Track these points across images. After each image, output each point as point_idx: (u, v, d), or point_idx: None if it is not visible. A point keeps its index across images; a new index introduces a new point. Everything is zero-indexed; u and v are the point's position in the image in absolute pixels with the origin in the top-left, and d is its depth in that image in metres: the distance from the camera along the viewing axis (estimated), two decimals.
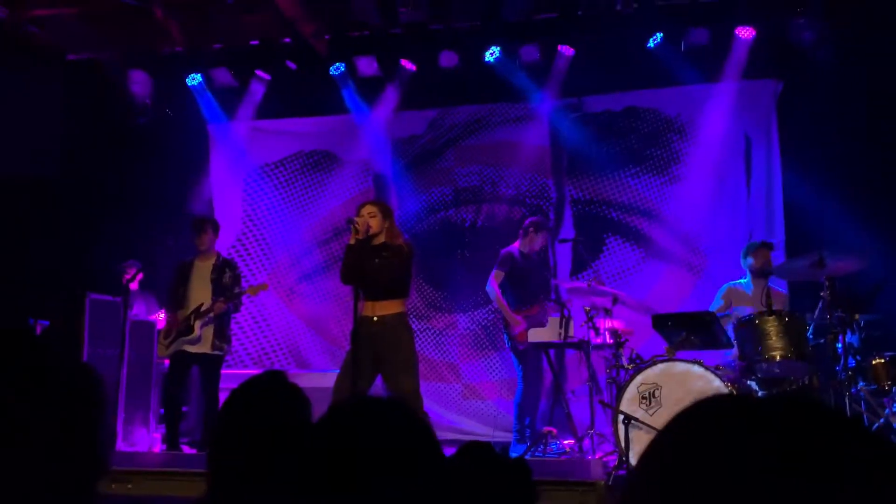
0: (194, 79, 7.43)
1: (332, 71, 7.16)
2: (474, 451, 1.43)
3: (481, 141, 7.38)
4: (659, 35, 6.58)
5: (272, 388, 1.71)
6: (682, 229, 6.80)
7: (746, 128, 6.76)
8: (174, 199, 7.27)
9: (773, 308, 4.28)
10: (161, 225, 7.25)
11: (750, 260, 5.25)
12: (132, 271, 6.01)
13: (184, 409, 5.74)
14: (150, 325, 6.24)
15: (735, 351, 4.68)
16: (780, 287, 5.47)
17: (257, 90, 7.49)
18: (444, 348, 7.19)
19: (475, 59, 6.90)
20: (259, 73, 7.36)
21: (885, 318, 4.70)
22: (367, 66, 7.10)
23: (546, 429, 5.48)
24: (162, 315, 6.05)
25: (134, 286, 6.31)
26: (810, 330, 4.35)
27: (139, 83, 7.29)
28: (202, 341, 5.24)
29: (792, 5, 6.27)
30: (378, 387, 4.33)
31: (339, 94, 7.29)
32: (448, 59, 6.92)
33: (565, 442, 5.41)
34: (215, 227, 5.55)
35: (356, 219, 4.30)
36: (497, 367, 7.01)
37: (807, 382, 4.23)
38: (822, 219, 5.85)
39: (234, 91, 7.49)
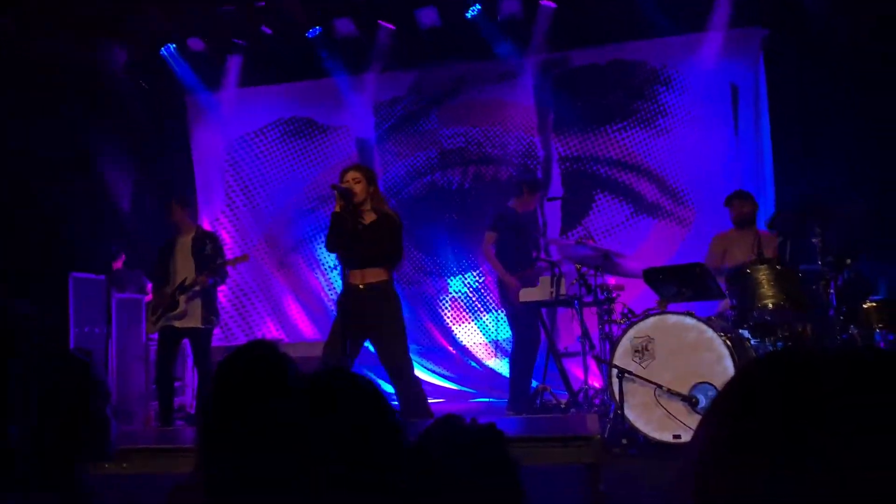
0: (168, 48, 7.23)
1: (309, 34, 6.98)
2: (441, 425, 1.38)
3: (465, 101, 7.25)
4: None
5: (260, 357, 1.65)
6: (670, 183, 6.74)
7: (733, 77, 6.66)
8: (153, 171, 7.12)
9: (765, 254, 4.25)
10: (142, 199, 7.13)
11: (733, 210, 5.22)
12: (122, 257, 5.95)
13: (176, 384, 5.71)
14: (138, 302, 6.16)
15: (724, 302, 4.66)
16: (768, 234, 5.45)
17: (232, 58, 7.31)
18: (435, 312, 7.17)
19: (455, 17, 6.73)
20: (235, 40, 7.17)
21: (872, 265, 4.69)
22: (345, 27, 6.92)
23: (540, 385, 5.49)
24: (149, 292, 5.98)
25: (118, 265, 6.23)
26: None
27: (113, 54, 7.08)
28: (189, 315, 5.18)
29: None
30: (366, 354, 4.29)
31: (317, 58, 7.12)
32: (427, 16, 6.75)
33: (560, 398, 5.42)
34: (183, 202, 5.42)
35: (341, 184, 4.21)
36: (490, 329, 7.00)
37: (800, 330, 4.22)
38: (811, 167, 5.81)
39: (209, 60, 7.31)
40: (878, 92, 5.74)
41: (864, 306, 4.27)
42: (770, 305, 4.06)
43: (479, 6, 6.68)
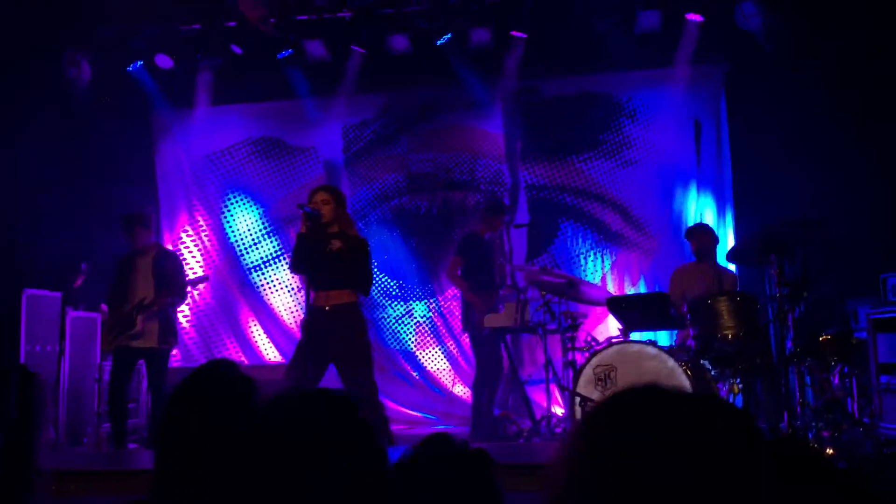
0: (135, 65, 7.15)
1: (280, 55, 6.97)
2: (433, 444, 1.37)
3: (434, 126, 7.29)
4: (611, 20, 6.57)
5: (221, 377, 1.60)
6: (633, 213, 6.85)
7: (696, 112, 6.83)
8: (116, 189, 6.98)
9: (725, 286, 4.32)
10: (102, 217, 6.97)
11: (689, 243, 5.33)
12: (83, 276, 5.80)
13: (130, 405, 5.54)
14: (93, 320, 6.00)
15: (682, 332, 4.73)
16: (727, 267, 5.56)
17: (201, 76, 7.24)
18: (399, 337, 7.12)
19: (426, 44, 6.80)
20: (204, 59, 7.12)
21: (830, 296, 4.80)
22: (316, 49, 6.93)
23: (503, 413, 5.47)
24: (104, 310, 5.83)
25: (78, 283, 6.08)
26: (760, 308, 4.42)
27: (77, 68, 6.97)
28: (145, 336, 5.05)
29: None
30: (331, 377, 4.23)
31: (286, 79, 7.10)
32: (399, 42, 6.80)
33: (522, 426, 5.40)
34: (145, 222, 5.29)
35: (309, 205, 4.18)
36: (453, 355, 6.97)
37: (758, 361, 4.29)
38: (772, 199, 5.95)
39: (177, 77, 7.23)
40: (838, 124, 5.93)
41: (820, 339, 4.36)
42: (730, 336, 4.13)
43: (450, 34, 6.75)
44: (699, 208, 6.71)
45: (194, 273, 7.00)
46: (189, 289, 5.48)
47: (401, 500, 1.30)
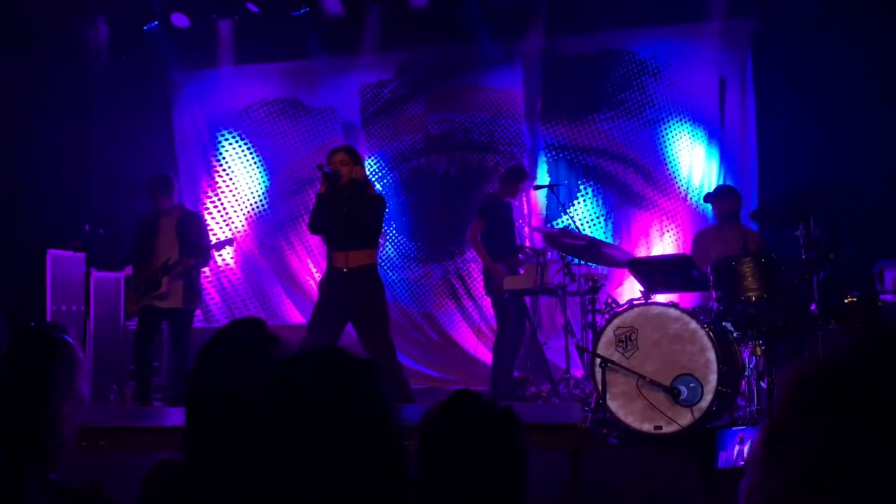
0: (152, 24, 7.09)
1: (295, 13, 6.87)
2: (462, 400, 1.37)
3: (453, 86, 7.19)
4: None
5: (253, 334, 1.60)
6: (656, 174, 6.75)
7: (721, 70, 6.66)
8: (134, 150, 6.99)
9: (749, 248, 4.26)
10: (121, 178, 6.99)
11: (719, 205, 5.23)
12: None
13: (155, 364, 5.63)
14: (117, 280, 6.07)
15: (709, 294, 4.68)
16: (753, 226, 5.48)
17: (217, 36, 7.17)
18: (419, 298, 7.14)
19: (445, 0, 6.66)
20: (220, 18, 7.05)
21: (856, 259, 4.73)
22: (333, 6, 6.82)
23: (522, 374, 5.49)
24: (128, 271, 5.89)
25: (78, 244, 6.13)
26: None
27: (95, 29, 6.93)
28: (171, 296, 5.11)
29: None
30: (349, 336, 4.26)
31: (302, 38, 7.01)
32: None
33: (541, 388, 5.43)
34: (168, 184, 5.31)
35: (328, 166, 4.17)
36: (473, 316, 6.99)
37: (781, 323, 4.25)
38: (796, 161, 5.83)
39: (193, 38, 7.17)
40: (863, 84, 5.77)
41: (846, 301, 4.30)
42: (753, 298, 4.08)
43: None
44: (722, 169, 6.59)
45: (216, 236, 7.03)
46: (215, 252, 5.51)
47: (425, 456, 1.31)
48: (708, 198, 5.33)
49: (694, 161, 6.68)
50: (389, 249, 7.12)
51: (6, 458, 1.55)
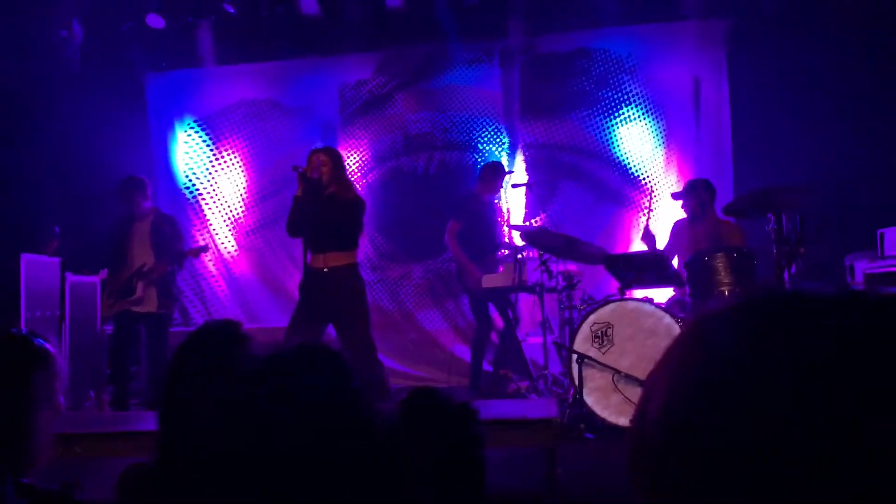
0: (127, 25, 7.02)
1: (272, 13, 6.85)
2: (418, 397, 1.39)
3: (431, 86, 7.21)
4: None
5: (226, 336, 1.60)
6: (632, 171, 6.82)
7: (696, 69, 6.74)
8: (109, 153, 6.93)
9: (725, 242, 4.31)
10: (95, 180, 6.93)
11: (691, 199, 5.27)
12: (55, 242, 5.81)
13: (132, 368, 5.59)
14: (92, 285, 6.01)
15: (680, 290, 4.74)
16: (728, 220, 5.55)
17: (194, 37, 7.13)
18: (398, 298, 7.15)
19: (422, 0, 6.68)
20: (196, 19, 7.00)
21: (827, 254, 4.81)
22: (310, 6, 6.81)
23: (501, 371, 5.53)
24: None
25: (53, 247, 6.08)
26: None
27: (69, 29, 6.86)
28: (146, 301, 5.08)
29: None
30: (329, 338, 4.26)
31: (280, 39, 6.99)
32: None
33: (521, 384, 5.46)
34: (142, 188, 5.27)
35: (308, 167, 4.17)
36: (452, 315, 7.01)
37: None
38: (770, 157, 5.91)
39: (169, 39, 7.12)
40: (837, 81, 5.86)
41: None
42: (727, 292, 4.14)
43: None
44: (698, 166, 6.67)
45: (192, 238, 6.99)
46: (191, 257, 5.48)
47: (389, 452, 1.33)
48: (676, 196, 5.38)
49: (670, 158, 6.76)
50: (369, 249, 7.12)
51: None
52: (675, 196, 5.36)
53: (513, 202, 6.82)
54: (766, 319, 0.49)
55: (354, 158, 7.21)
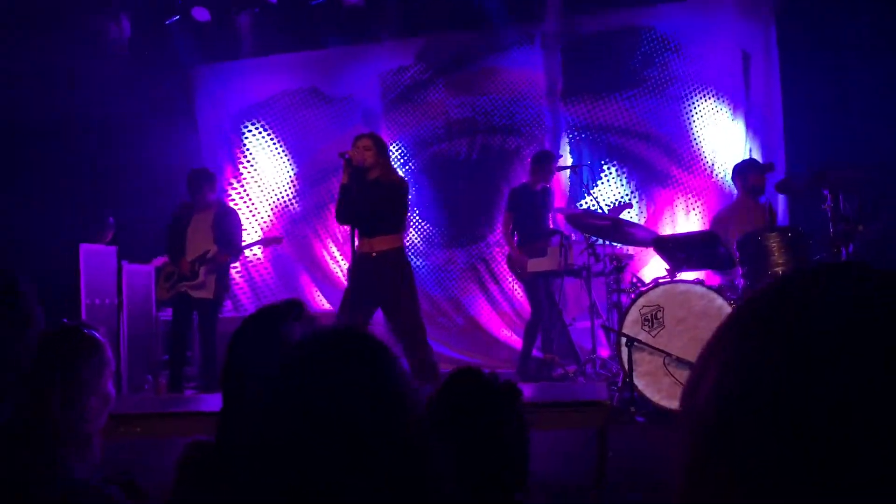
0: (173, 19, 7.17)
1: (313, 2, 6.90)
2: (462, 375, 1.39)
3: (472, 70, 7.17)
4: None
5: (294, 315, 1.62)
6: (680, 151, 6.67)
7: (744, 43, 6.54)
8: (158, 146, 7.09)
9: (776, 222, 4.21)
10: (146, 172, 7.11)
11: (745, 179, 5.13)
12: (111, 232, 6.00)
13: (188, 353, 5.76)
14: (148, 273, 6.19)
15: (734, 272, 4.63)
16: (775, 204, 5.41)
17: (238, 28, 7.24)
18: (444, 284, 7.18)
19: None
20: (237, 10, 7.10)
21: (885, 231, 4.64)
22: None
23: (548, 356, 5.51)
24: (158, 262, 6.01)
25: (108, 237, 6.27)
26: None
27: (118, 24, 7.04)
28: (205, 287, 5.25)
29: None
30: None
31: (321, 28, 7.04)
32: None
33: (568, 368, 5.44)
34: (211, 180, 5.46)
35: (352, 152, 4.20)
36: (498, 300, 7.00)
37: None
38: (823, 134, 5.73)
39: (214, 31, 7.24)
40: (891, 57, 5.63)
41: None
42: (780, 272, 4.04)
43: None
44: (748, 144, 6.49)
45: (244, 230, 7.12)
46: (262, 247, 5.62)
47: (432, 431, 1.33)
48: (736, 172, 5.24)
49: (719, 137, 6.59)
50: (413, 236, 7.16)
51: (34, 452, 1.60)
52: (736, 172, 5.22)
53: (556, 185, 6.77)
54: (831, 292, 0.48)
55: (397, 145, 7.23)
